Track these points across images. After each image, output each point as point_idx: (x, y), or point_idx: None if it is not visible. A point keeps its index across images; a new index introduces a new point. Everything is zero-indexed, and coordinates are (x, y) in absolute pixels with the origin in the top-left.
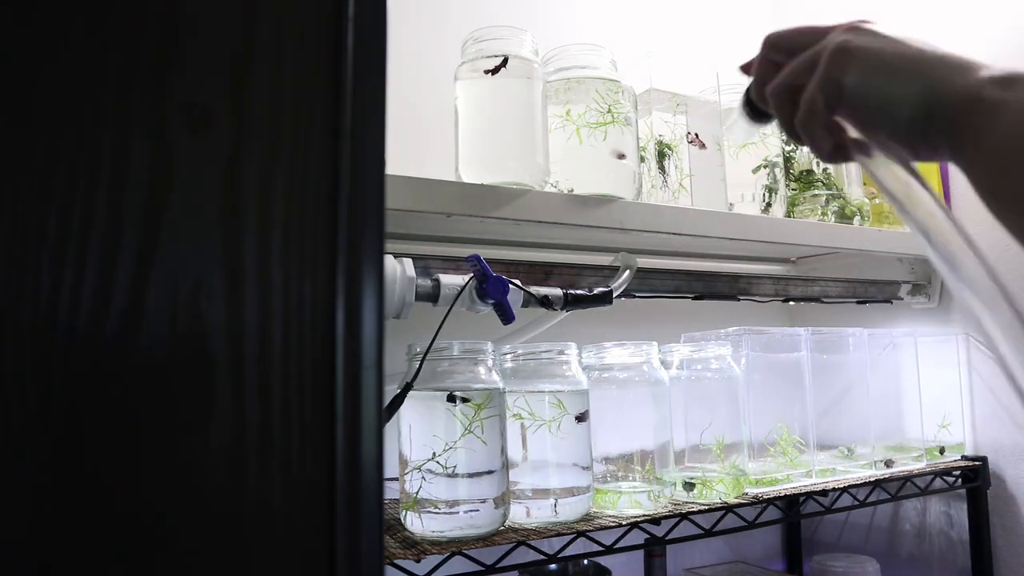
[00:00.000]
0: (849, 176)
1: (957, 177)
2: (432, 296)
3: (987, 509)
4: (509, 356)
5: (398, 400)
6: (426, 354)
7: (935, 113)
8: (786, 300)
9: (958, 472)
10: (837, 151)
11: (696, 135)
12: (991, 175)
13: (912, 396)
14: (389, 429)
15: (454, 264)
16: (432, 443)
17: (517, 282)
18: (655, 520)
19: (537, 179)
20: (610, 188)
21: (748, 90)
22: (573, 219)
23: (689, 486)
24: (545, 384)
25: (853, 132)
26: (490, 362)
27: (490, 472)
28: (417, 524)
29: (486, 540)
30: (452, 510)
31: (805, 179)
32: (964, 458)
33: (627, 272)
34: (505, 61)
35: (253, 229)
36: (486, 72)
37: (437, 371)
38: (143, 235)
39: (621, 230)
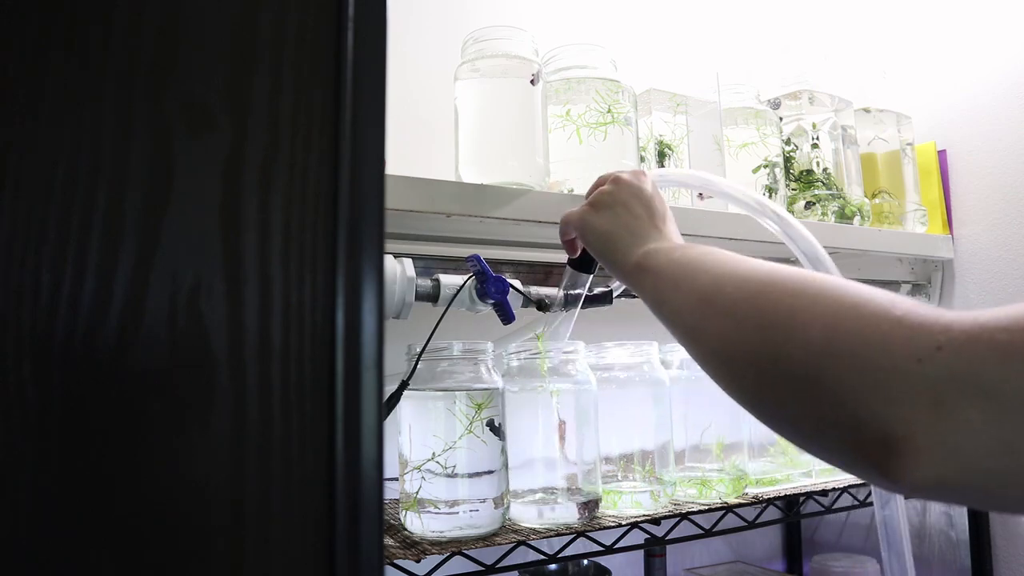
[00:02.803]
0: (849, 176)
1: (956, 178)
2: (432, 296)
3: None
4: (515, 355)
5: (394, 398)
6: (421, 352)
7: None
8: None
9: None
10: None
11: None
12: (650, 303)
13: None
14: (389, 429)
15: (454, 264)
16: (432, 443)
17: (517, 282)
18: (655, 520)
19: (537, 179)
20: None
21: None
22: None
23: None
24: (553, 383)
25: None
26: (490, 362)
27: (490, 472)
28: (417, 524)
29: (486, 540)
30: (452, 510)
31: (805, 179)
32: None
33: None
34: (539, 75)
35: (253, 229)
36: (532, 84)
37: (437, 371)
38: (143, 235)
39: None
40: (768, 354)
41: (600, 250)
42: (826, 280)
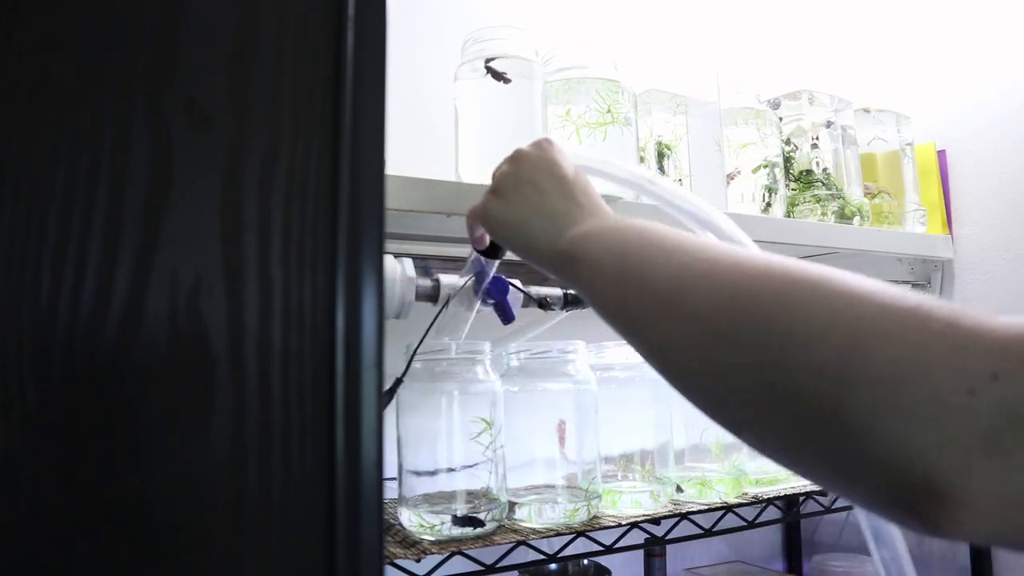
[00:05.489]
0: (849, 176)
1: (956, 178)
2: (432, 296)
3: None
4: (514, 355)
5: (389, 395)
6: (415, 352)
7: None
8: None
9: None
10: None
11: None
12: (589, 301)
13: None
14: (387, 429)
15: (454, 264)
16: (426, 441)
17: (517, 282)
18: (655, 520)
19: None
20: (610, 188)
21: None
22: None
23: (679, 489)
24: (552, 383)
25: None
26: (488, 362)
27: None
28: (412, 520)
29: (485, 539)
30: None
31: (805, 179)
32: None
33: None
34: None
35: (253, 229)
36: (490, 72)
37: (436, 371)
38: (143, 235)
39: None
40: (762, 378)
41: (514, 244)
42: (821, 274)
